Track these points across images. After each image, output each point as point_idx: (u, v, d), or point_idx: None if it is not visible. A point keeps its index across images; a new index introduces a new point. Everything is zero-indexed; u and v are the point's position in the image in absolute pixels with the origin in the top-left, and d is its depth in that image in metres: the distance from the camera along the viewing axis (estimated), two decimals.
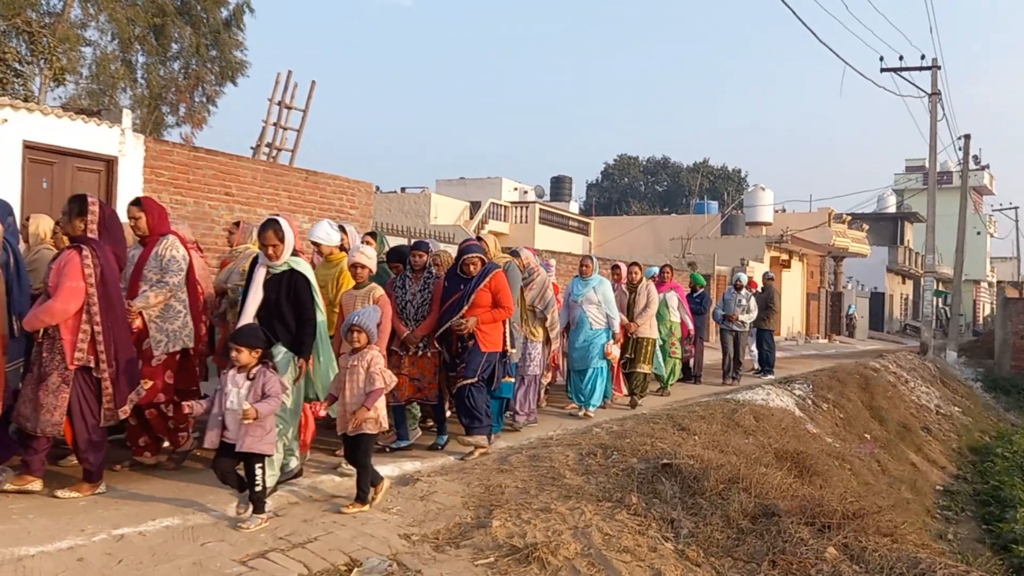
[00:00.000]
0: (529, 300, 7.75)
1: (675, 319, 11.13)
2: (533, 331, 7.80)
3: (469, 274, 6.40)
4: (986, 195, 62.33)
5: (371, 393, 4.85)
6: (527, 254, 8.01)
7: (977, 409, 19.76)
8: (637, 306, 9.64)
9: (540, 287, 7.89)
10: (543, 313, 7.86)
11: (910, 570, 4.13)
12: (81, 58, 22.82)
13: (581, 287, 8.79)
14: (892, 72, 23.72)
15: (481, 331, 6.36)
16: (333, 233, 6.34)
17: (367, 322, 4.98)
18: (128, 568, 3.85)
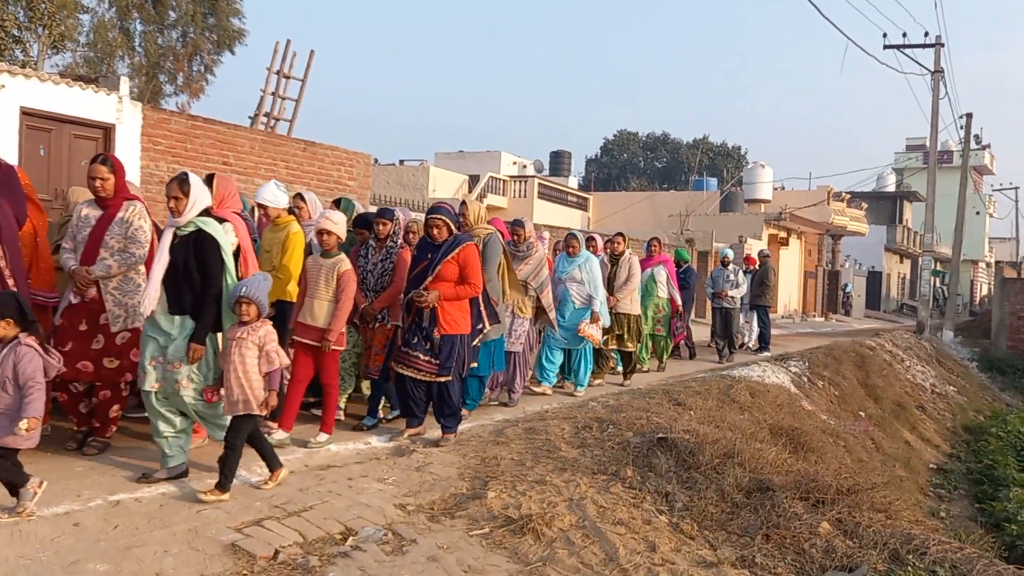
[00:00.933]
0: (523, 275, 7.43)
1: (663, 295, 10.74)
2: (521, 307, 7.41)
3: (435, 240, 5.82)
4: (986, 175, 62.20)
5: (271, 374, 4.49)
6: (529, 226, 7.73)
7: (972, 389, 19.84)
8: (618, 279, 9.20)
9: (537, 264, 7.59)
10: (536, 291, 7.55)
11: (903, 546, 4.15)
12: (79, 25, 22.64)
13: (567, 265, 8.47)
14: (895, 49, 23.56)
15: (443, 308, 5.74)
16: (280, 194, 5.99)
17: (257, 293, 4.53)
18: (124, 534, 3.86)
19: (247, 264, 5.35)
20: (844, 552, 4.11)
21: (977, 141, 43.83)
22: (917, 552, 4.06)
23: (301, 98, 14.56)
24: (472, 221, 6.70)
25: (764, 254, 15.27)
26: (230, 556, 3.79)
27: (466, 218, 6.68)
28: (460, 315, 5.87)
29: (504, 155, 36.68)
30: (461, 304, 5.89)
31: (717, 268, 13.26)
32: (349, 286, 5.59)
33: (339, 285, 5.57)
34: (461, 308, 5.89)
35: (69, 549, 3.67)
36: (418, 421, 6.02)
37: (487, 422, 6.68)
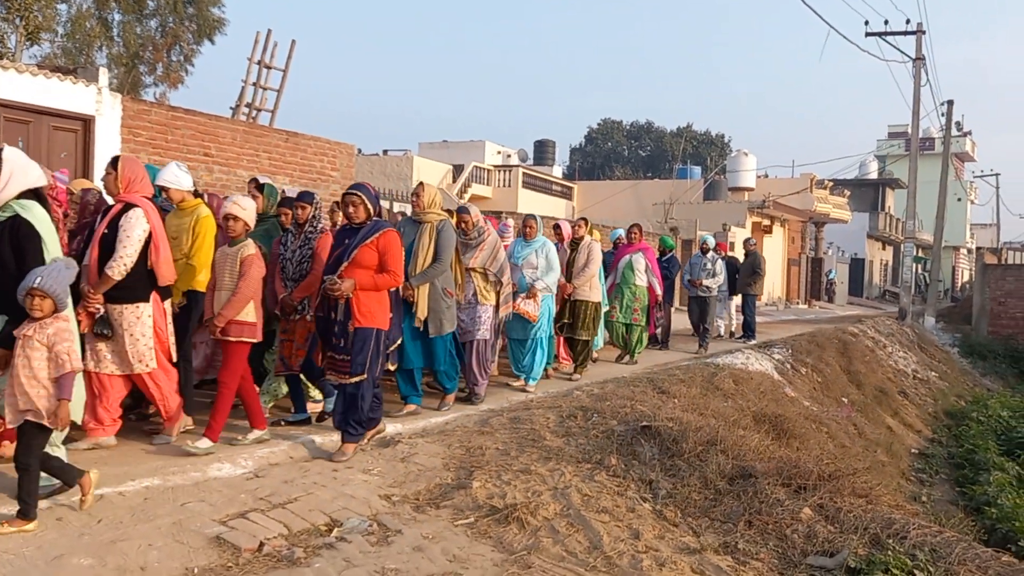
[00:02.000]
0: (480, 262, 7.05)
1: (641, 283, 10.24)
2: (485, 294, 7.10)
3: (351, 220, 5.29)
4: (968, 162, 62.60)
5: (61, 380, 3.76)
6: (475, 212, 7.30)
7: (954, 374, 20.03)
8: (576, 265, 8.77)
9: (491, 248, 7.16)
10: (496, 276, 7.16)
11: (884, 530, 4.20)
12: (56, 15, 22.39)
13: (523, 249, 8.03)
14: (877, 36, 23.66)
15: (358, 299, 5.17)
16: (182, 175, 5.57)
17: (53, 284, 3.78)
18: (108, 527, 3.85)
19: (158, 253, 5.02)
20: (825, 537, 4.16)
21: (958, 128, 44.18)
22: (897, 536, 4.11)
23: (283, 88, 14.47)
24: (424, 205, 6.44)
25: (751, 242, 15.07)
26: (215, 549, 3.79)
27: (419, 199, 6.44)
28: (378, 307, 5.27)
29: (488, 145, 36.61)
30: (380, 296, 5.30)
31: (695, 255, 12.91)
32: (250, 271, 5.16)
33: (240, 271, 5.17)
34: (380, 300, 5.30)
35: (52, 544, 3.65)
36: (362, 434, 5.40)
37: (472, 412, 6.69)
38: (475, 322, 7.05)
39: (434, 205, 6.49)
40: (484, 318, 7.11)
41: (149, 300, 5.07)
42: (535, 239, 8.00)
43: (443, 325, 6.42)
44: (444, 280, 6.41)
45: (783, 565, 3.97)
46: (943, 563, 3.83)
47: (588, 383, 8.22)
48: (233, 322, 5.16)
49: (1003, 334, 24.91)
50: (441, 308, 6.40)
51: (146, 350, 5.04)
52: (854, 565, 3.86)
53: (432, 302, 6.38)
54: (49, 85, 9.25)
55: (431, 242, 6.38)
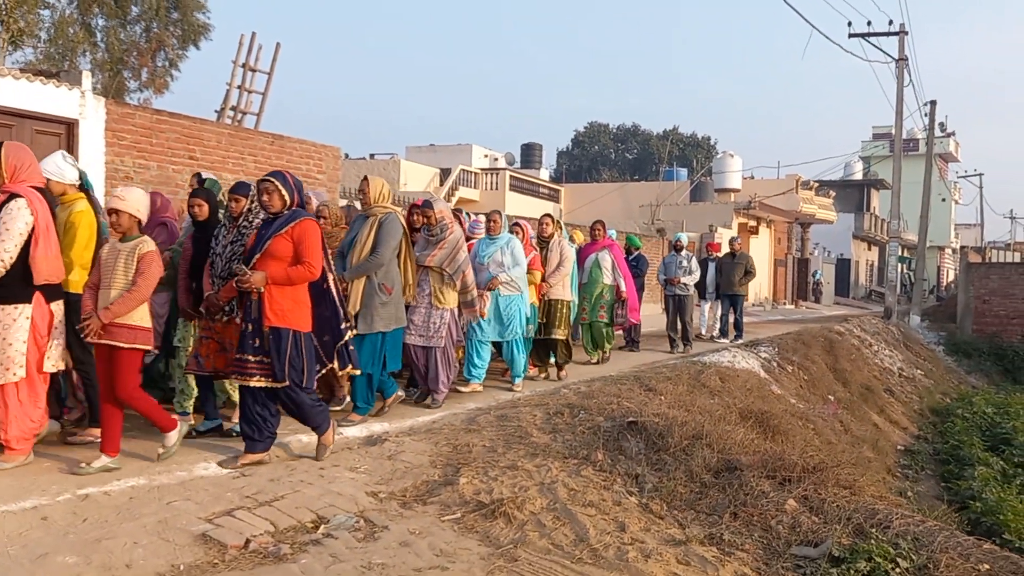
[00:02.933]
0: (437, 260, 6.72)
1: (608, 281, 9.98)
2: (440, 296, 6.76)
3: (267, 209, 4.96)
4: (951, 162, 63.06)
5: None
6: (440, 206, 6.97)
7: (939, 372, 20.18)
8: (549, 264, 8.57)
9: (451, 247, 6.78)
10: (452, 278, 6.78)
11: (867, 520, 4.23)
12: (39, 21, 22.30)
13: (487, 246, 7.67)
14: (860, 37, 23.83)
15: (271, 295, 4.81)
16: (67, 167, 5.14)
17: None
18: (93, 527, 3.85)
19: (36, 247, 4.61)
20: (810, 528, 4.19)
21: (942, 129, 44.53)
22: (880, 526, 4.14)
23: (268, 91, 14.45)
24: (372, 198, 6.16)
25: (736, 240, 14.79)
26: (201, 546, 3.79)
27: (366, 195, 6.16)
28: (293, 305, 4.89)
29: (475, 148, 36.67)
30: (295, 292, 4.92)
31: (669, 254, 12.64)
32: (149, 269, 4.67)
33: (139, 268, 4.66)
34: (295, 297, 4.92)
35: (38, 542, 3.65)
36: (261, 446, 4.98)
37: (459, 410, 6.70)
38: (429, 327, 6.75)
39: (382, 198, 6.21)
40: (440, 324, 6.77)
41: (30, 301, 4.63)
42: (500, 235, 7.70)
43: (374, 322, 6.01)
44: (383, 275, 6.07)
45: (768, 555, 4.00)
46: (925, 551, 3.86)
47: (575, 381, 8.25)
48: (125, 326, 4.62)
49: (987, 332, 25.10)
50: (374, 304, 6.00)
51: (16, 356, 4.56)
52: (838, 554, 3.89)
53: (365, 297, 6.02)
54: (32, 88, 9.21)
55: (370, 235, 6.08)
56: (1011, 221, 68.37)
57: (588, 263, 9.96)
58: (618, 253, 10.34)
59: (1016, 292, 25.25)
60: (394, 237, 6.12)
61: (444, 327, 6.79)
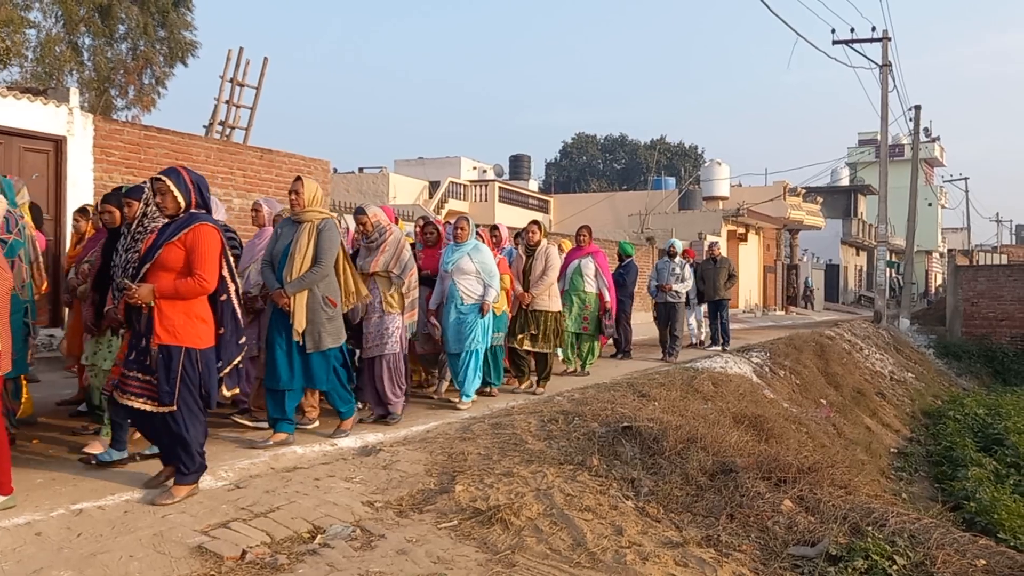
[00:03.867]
0: (382, 265, 6.42)
1: (591, 290, 9.64)
2: (390, 301, 6.44)
3: (162, 212, 4.54)
4: (937, 167, 63.59)
5: None
6: (374, 211, 6.60)
7: (930, 375, 20.27)
8: (534, 272, 8.14)
9: (394, 248, 6.48)
10: (400, 278, 6.48)
11: (863, 519, 4.24)
12: (26, 40, 22.28)
13: (453, 253, 7.32)
14: (844, 44, 24.02)
15: (160, 309, 4.32)
16: None
17: None
18: (87, 541, 3.82)
19: None
20: (806, 527, 4.20)
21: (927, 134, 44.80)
22: (877, 524, 4.16)
23: (256, 106, 14.48)
24: (305, 202, 5.63)
25: (716, 246, 14.50)
26: (197, 558, 3.76)
27: (298, 196, 5.62)
28: (186, 320, 4.38)
29: (464, 160, 36.79)
30: (188, 306, 4.40)
31: (662, 259, 12.34)
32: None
33: None
34: (189, 311, 4.41)
35: (32, 558, 3.62)
36: (191, 478, 4.48)
37: (453, 420, 6.69)
38: (383, 335, 6.42)
39: (315, 202, 5.68)
40: (393, 329, 6.45)
41: None
42: (466, 242, 7.33)
43: (322, 339, 5.56)
44: (326, 287, 5.63)
45: (765, 556, 4.01)
46: (922, 548, 3.88)
47: (569, 388, 8.24)
48: None
49: (977, 334, 25.25)
50: (320, 320, 5.56)
51: None
52: (835, 553, 3.90)
53: (311, 313, 5.54)
54: (19, 106, 9.20)
55: (310, 243, 5.59)
56: (997, 224, 69.01)
57: (570, 270, 9.68)
58: (602, 260, 9.97)
59: (1004, 294, 25.42)
60: (335, 244, 5.67)
61: (396, 332, 6.48)
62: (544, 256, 8.23)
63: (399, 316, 6.52)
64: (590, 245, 9.95)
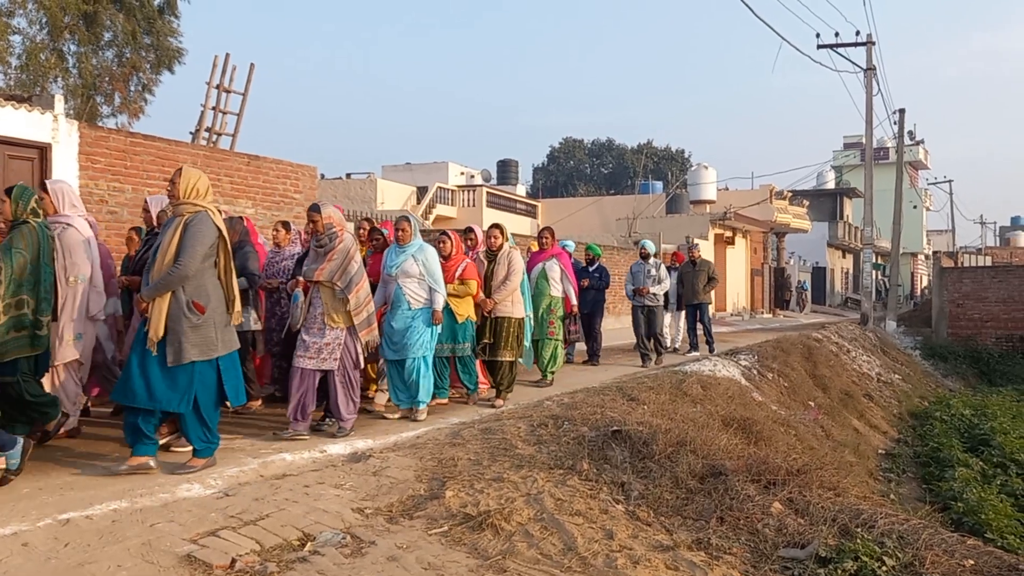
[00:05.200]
0: (327, 275, 6.01)
1: (556, 293, 9.33)
2: (333, 316, 6.05)
3: None
4: (921, 169, 64.02)
5: None
6: (329, 211, 6.17)
7: (916, 376, 20.39)
8: (496, 277, 7.77)
9: (342, 258, 6.06)
10: (343, 293, 6.04)
11: (852, 520, 4.26)
12: (10, 47, 22.13)
13: (396, 256, 6.92)
14: (828, 48, 24.18)
15: None
16: None
17: None
18: (75, 551, 3.79)
19: None
20: (796, 529, 4.22)
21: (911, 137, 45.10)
22: (866, 525, 4.18)
23: (243, 112, 14.42)
24: (181, 193, 5.08)
25: (696, 247, 13.95)
26: (186, 567, 3.74)
27: (175, 187, 5.08)
28: None
29: (451, 166, 36.78)
30: None
31: (636, 262, 11.85)
32: None
33: None
34: None
35: (19, 569, 3.59)
36: None
37: (443, 425, 6.68)
38: (321, 349, 6.05)
39: (195, 194, 5.11)
40: (334, 345, 6.06)
41: None
42: (410, 243, 6.93)
43: (184, 351, 4.93)
44: (194, 291, 5.00)
45: (755, 558, 4.02)
46: (911, 548, 3.90)
47: (558, 393, 8.24)
48: None
49: (962, 335, 25.42)
50: (182, 328, 4.94)
51: None
52: (824, 555, 3.92)
53: (171, 320, 4.94)
54: (3, 113, 9.14)
55: (173, 240, 5.01)
56: (981, 226, 69.50)
57: (534, 273, 9.37)
58: (567, 262, 9.65)
59: (989, 295, 25.61)
60: (202, 241, 5.00)
61: (338, 348, 6.07)
62: (507, 260, 7.83)
63: (342, 332, 6.09)
64: (553, 247, 9.65)
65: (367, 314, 6.20)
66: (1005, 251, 52.34)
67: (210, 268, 5.12)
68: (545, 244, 9.59)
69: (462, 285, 7.44)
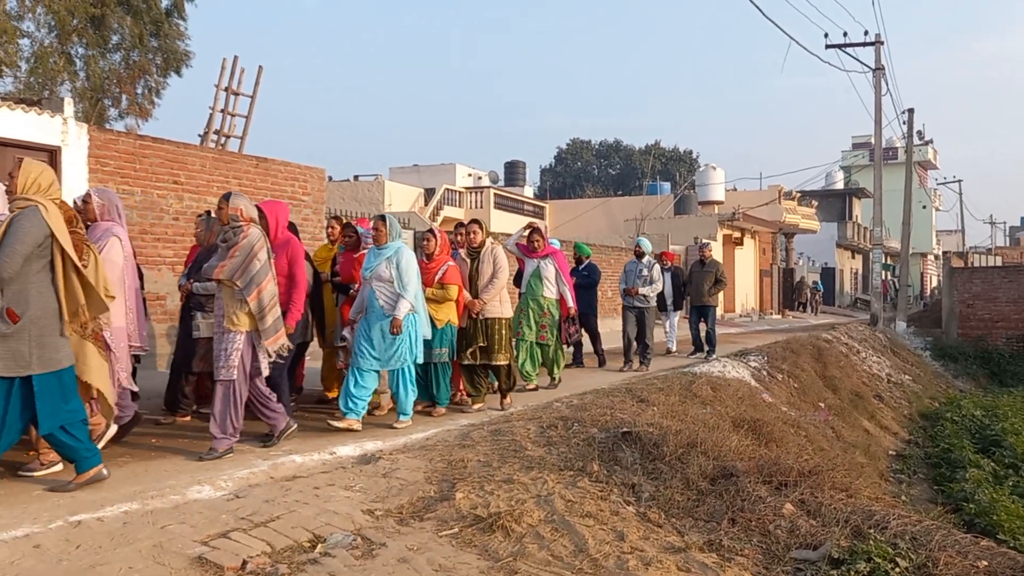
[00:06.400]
0: (228, 272, 5.49)
1: (550, 295, 8.91)
2: (233, 317, 5.51)
3: None
4: (931, 169, 63.78)
5: None
6: (238, 202, 5.65)
7: (927, 377, 20.29)
8: (482, 277, 7.43)
9: (244, 255, 5.51)
10: (242, 294, 5.50)
11: (865, 522, 4.24)
12: (19, 51, 22.25)
13: (373, 258, 6.60)
14: (837, 48, 24.09)
15: None
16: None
17: None
18: (86, 553, 3.80)
19: None
20: (808, 531, 4.19)
21: (920, 137, 45.01)
22: (878, 527, 4.15)
23: (251, 114, 14.47)
24: (20, 187, 4.55)
25: (706, 247, 13.60)
26: (197, 569, 3.74)
27: (12, 180, 4.57)
28: None
29: (459, 167, 36.84)
30: None
31: (631, 261, 11.36)
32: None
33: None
34: None
35: (31, 570, 3.59)
36: None
37: (452, 427, 6.68)
38: (219, 356, 5.56)
39: (36, 189, 4.57)
40: (232, 350, 5.52)
41: None
42: (386, 246, 6.58)
43: None
44: (12, 296, 4.40)
45: (767, 560, 4.00)
46: (924, 550, 3.87)
47: (567, 395, 8.22)
48: None
49: (972, 336, 25.30)
50: None
51: None
52: (837, 556, 3.90)
53: None
54: (13, 117, 9.18)
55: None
56: (991, 226, 69.19)
57: (527, 274, 9.05)
58: (562, 262, 9.21)
59: (999, 295, 25.49)
60: (24, 240, 4.38)
61: (235, 354, 5.52)
62: (491, 258, 7.50)
63: (241, 335, 5.54)
64: (547, 246, 9.17)
65: (273, 319, 5.62)
66: (1015, 251, 52.08)
67: (40, 271, 4.47)
68: (537, 245, 9.10)
69: (441, 289, 7.14)
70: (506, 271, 7.56)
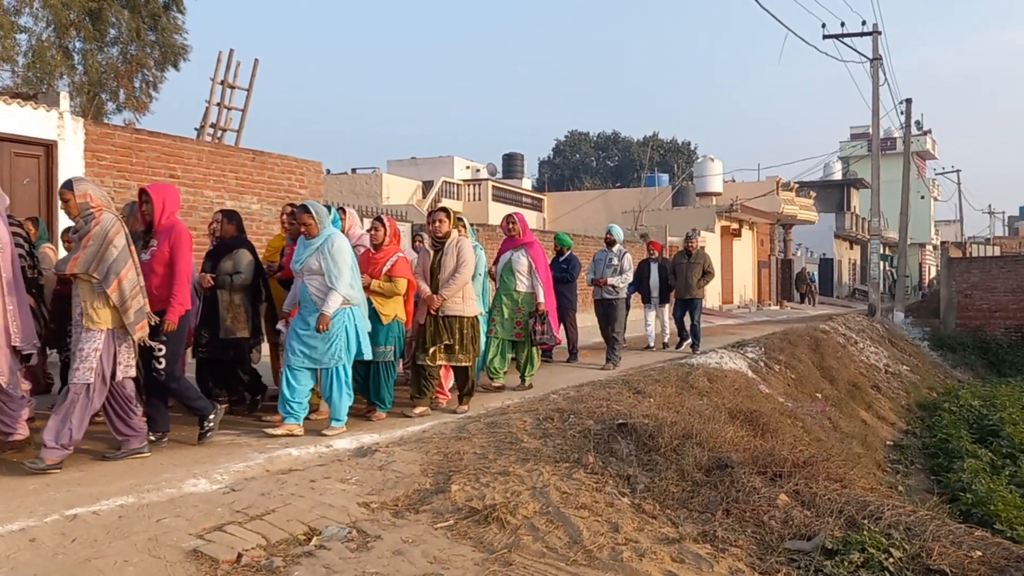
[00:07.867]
0: (81, 265, 5.01)
1: (523, 289, 8.25)
2: (92, 313, 5.04)
3: None
4: (929, 160, 63.72)
5: None
6: (84, 188, 5.12)
7: (924, 367, 20.32)
8: (444, 270, 6.86)
9: (97, 244, 5.05)
10: (101, 286, 5.03)
11: (859, 512, 4.25)
12: (16, 45, 22.18)
13: (302, 250, 6.08)
14: (834, 39, 24.06)
15: None
16: None
17: None
18: (82, 546, 3.80)
19: None
20: (802, 521, 4.21)
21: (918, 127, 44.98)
22: (872, 517, 4.16)
23: (247, 107, 14.45)
24: None
25: (694, 236, 12.91)
26: (192, 562, 3.75)
27: None
28: None
29: (457, 160, 36.74)
30: None
31: (600, 250, 10.74)
32: None
33: None
34: None
35: (26, 564, 3.60)
36: None
37: (448, 419, 6.68)
38: (76, 356, 5.08)
39: None
40: (89, 351, 5.04)
41: None
42: (316, 236, 6.05)
43: None
44: None
45: (761, 550, 4.01)
46: (918, 540, 3.88)
47: (564, 387, 8.23)
48: None
49: (971, 326, 25.34)
50: None
51: None
52: (831, 547, 3.91)
53: None
54: (9, 111, 9.17)
55: None
56: (989, 216, 69.28)
57: (500, 266, 8.43)
58: (537, 254, 8.40)
59: (997, 286, 25.51)
60: None
61: (92, 355, 5.04)
62: (455, 250, 6.90)
63: (100, 334, 5.07)
64: (525, 235, 8.47)
65: (135, 309, 5.15)
66: (1014, 241, 52.06)
67: None
68: (514, 232, 8.42)
69: (389, 283, 6.64)
70: (470, 266, 6.92)
